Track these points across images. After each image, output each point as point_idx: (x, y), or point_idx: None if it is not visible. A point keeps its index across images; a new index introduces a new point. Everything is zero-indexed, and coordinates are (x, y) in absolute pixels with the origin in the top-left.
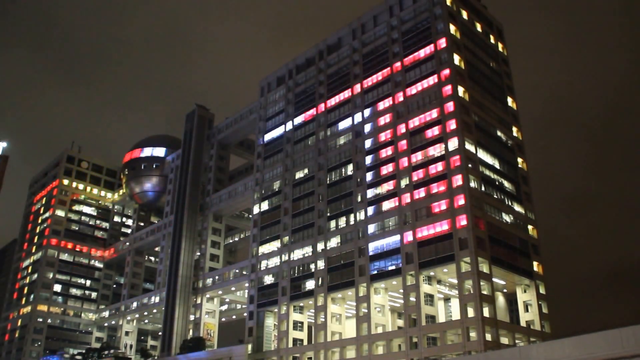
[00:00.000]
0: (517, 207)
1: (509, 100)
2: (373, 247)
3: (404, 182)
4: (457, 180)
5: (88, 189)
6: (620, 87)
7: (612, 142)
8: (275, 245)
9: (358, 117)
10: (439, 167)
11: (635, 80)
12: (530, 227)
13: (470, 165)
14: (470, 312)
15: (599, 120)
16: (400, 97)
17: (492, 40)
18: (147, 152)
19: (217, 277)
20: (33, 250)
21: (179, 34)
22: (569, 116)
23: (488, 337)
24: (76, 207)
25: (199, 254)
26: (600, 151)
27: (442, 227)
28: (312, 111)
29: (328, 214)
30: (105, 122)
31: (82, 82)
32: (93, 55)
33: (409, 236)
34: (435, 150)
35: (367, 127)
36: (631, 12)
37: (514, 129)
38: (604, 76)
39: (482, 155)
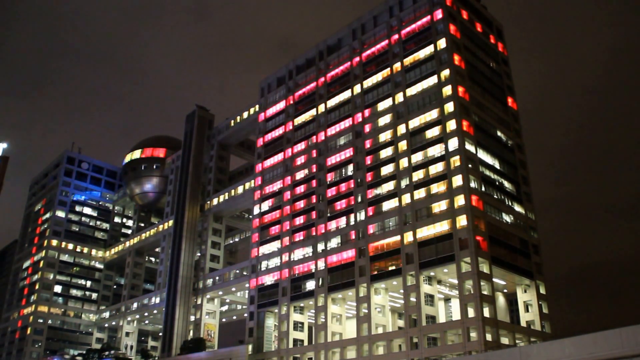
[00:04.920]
0: (518, 208)
1: (509, 100)
2: (373, 247)
3: (404, 183)
4: (457, 180)
5: (88, 189)
6: (621, 87)
7: (610, 141)
8: (275, 245)
9: (358, 118)
10: (439, 167)
11: (635, 81)
12: (530, 227)
13: (470, 166)
14: (471, 312)
15: (596, 119)
16: (400, 97)
17: (492, 41)
18: (148, 152)
19: (217, 278)
20: (33, 251)
21: (179, 35)
22: (567, 116)
23: (488, 337)
24: (76, 208)
25: (199, 254)
26: (597, 152)
27: (443, 227)
28: (312, 111)
29: (328, 215)
30: (105, 123)
31: (82, 82)
32: (93, 55)
33: (409, 236)
34: (436, 151)
35: (367, 128)
36: (632, 13)
37: (514, 129)
38: (603, 76)
39: (482, 155)
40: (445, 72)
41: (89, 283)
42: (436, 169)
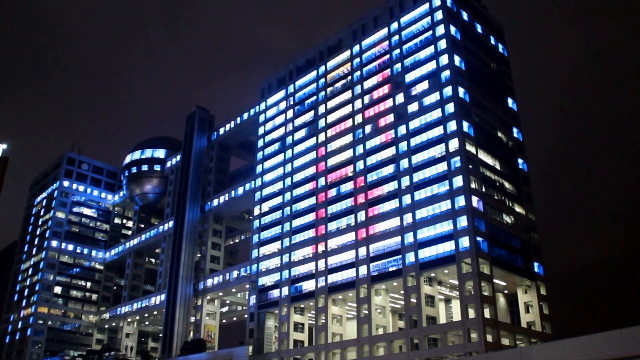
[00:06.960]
0: (518, 208)
1: (510, 101)
2: (374, 248)
3: (404, 183)
4: (458, 181)
5: (88, 190)
6: (620, 88)
7: (612, 142)
8: (275, 246)
9: (358, 119)
10: (440, 168)
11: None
12: (530, 228)
13: (470, 167)
14: (471, 313)
15: (599, 119)
16: (400, 98)
17: (493, 41)
18: (148, 153)
19: (217, 279)
20: (33, 252)
21: (179, 35)
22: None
23: (489, 338)
24: (76, 209)
25: (199, 255)
26: (600, 152)
27: (443, 228)
28: (313, 112)
29: (329, 215)
30: (105, 124)
31: (82, 83)
32: (93, 56)
33: (409, 237)
34: (436, 152)
35: (368, 129)
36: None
37: (515, 130)
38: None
39: (483, 156)
40: (446, 73)
41: (89, 284)
42: (437, 169)
